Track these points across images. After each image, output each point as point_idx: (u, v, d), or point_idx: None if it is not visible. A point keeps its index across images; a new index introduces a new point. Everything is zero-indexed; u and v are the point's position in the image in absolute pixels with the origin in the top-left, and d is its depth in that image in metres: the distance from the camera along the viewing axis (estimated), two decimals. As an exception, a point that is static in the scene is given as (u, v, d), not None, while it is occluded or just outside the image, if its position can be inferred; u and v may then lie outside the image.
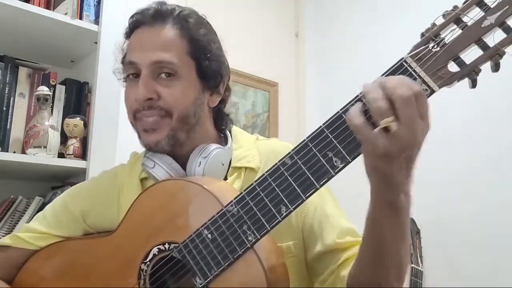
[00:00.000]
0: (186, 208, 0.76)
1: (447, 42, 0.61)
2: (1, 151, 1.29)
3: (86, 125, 1.42)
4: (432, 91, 0.61)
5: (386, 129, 0.57)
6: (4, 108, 1.33)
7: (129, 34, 0.88)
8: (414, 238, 1.90)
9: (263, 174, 0.68)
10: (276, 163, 0.67)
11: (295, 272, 0.80)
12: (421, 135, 0.58)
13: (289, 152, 0.66)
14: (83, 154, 1.42)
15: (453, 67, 0.61)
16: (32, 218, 1.27)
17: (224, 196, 0.73)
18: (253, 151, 0.89)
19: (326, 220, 0.83)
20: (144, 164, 0.86)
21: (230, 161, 0.88)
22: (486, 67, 0.61)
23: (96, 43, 1.46)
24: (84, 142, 1.43)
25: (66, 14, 1.42)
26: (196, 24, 0.85)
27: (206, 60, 0.84)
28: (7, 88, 1.34)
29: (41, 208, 1.32)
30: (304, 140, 0.65)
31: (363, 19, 2.53)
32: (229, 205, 0.70)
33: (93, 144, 1.40)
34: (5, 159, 1.26)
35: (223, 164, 0.85)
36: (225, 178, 0.86)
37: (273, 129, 2.50)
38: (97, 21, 1.47)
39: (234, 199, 0.70)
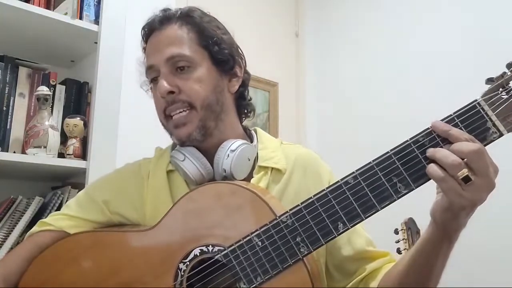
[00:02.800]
0: (235, 212, 0.76)
1: None
2: (1, 151, 1.29)
3: (86, 125, 1.42)
4: (501, 134, 0.65)
5: (464, 180, 0.62)
6: (4, 108, 1.33)
7: (144, 44, 0.93)
8: (414, 238, 1.90)
9: (323, 190, 0.70)
10: (338, 181, 0.70)
11: None
12: (495, 178, 0.65)
13: (353, 172, 0.69)
14: (83, 154, 1.41)
15: None
16: (32, 218, 1.29)
17: (276, 206, 0.74)
18: (279, 153, 0.92)
19: (353, 228, 0.86)
20: (174, 157, 0.87)
21: (255, 159, 0.90)
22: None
23: (96, 43, 1.45)
24: (84, 142, 1.43)
25: (66, 14, 1.42)
26: (200, 16, 0.90)
27: (215, 46, 0.88)
28: (7, 88, 1.34)
29: (41, 208, 1.32)
30: (370, 162, 0.68)
31: (363, 19, 2.54)
32: (284, 216, 0.71)
33: (93, 144, 1.40)
34: (5, 159, 1.26)
35: (249, 160, 0.87)
36: (251, 176, 0.88)
37: (273, 129, 2.50)
38: (97, 21, 1.47)
39: (290, 210, 0.71)
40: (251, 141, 0.93)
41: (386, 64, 2.37)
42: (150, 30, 0.90)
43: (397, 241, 1.57)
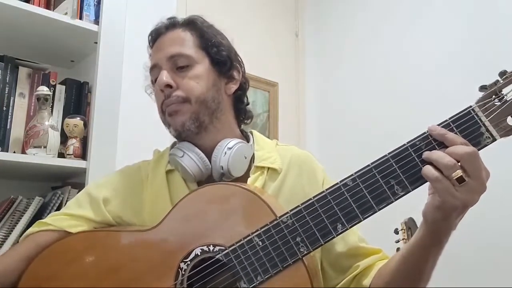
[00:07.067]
0: (236, 213, 0.78)
1: (508, 100, 0.68)
2: (1, 151, 1.29)
3: (86, 125, 1.42)
4: (494, 140, 0.68)
5: (459, 181, 0.65)
6: (4, 108, 1.33)
7: (151, 49, 0.98)
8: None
9: (323, 192, 0.72)
10: (337, 183, 0.72)
11: None
12: (486, 181, 0.67)
13: (352, 175, 0.71)
14: (83, 154, 1.41)
15: (510, 121, 0.68)
16: (32, 218, 1.28)
17: (275, 207, 0.76)
18: (275, 154, 0.95)
19: None
20: (173, 154, 0.90)
21: (252, 159, 0.93)
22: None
23: (96, 43, 1.46)
24: (84, 142, 1.43)
25: (66, 14, 1.42)
26: (201, 22, 0.97)
27: (214, 47, 0.93)
28: (7, 88, 1.34)
29: (41, 208, 1.32)
30: (368, 165, 0.71)
31: (363, 19, 2.54)
32: (284, 216, 0.73)
33: (93, 144, 1.40)
34: (5, 159, 1.26)
35: (245, 158, 0.90)
36: (248, 175, 0.90)
37: (273, 129, 2.50)
38: (97, 21, 1.47)
39: (290, 211, 0.73)
40: (248, 142, 0.96)
41: (386, 64, 2.37)
42: (157, 35, 0.96)
43: (397, 241, 1.57)
